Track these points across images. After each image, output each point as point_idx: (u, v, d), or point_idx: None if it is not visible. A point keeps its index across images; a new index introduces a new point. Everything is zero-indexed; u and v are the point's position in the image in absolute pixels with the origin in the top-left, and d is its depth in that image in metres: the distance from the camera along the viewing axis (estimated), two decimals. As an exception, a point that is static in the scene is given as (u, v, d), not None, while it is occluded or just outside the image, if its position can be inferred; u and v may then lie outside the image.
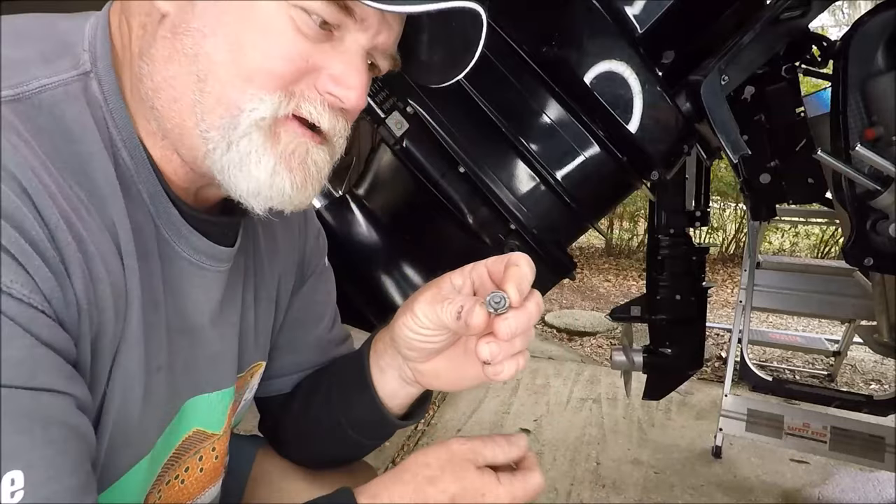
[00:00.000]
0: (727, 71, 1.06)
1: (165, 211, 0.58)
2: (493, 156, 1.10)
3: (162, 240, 0.58)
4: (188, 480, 0.70)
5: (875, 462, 2.25)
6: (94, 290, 0.49)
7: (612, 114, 1.04)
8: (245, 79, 0.52)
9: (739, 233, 6.72)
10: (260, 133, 0.53)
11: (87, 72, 0.54)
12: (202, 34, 0.51)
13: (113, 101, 0.54)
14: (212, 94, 0.52)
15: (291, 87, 0.54)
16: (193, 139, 0.54)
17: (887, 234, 1.16)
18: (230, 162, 0.54)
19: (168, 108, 0.54)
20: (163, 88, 0.53)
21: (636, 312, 1.76)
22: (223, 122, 0.53)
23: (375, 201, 1.23)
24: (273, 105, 0.53)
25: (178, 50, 0.52)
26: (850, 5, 5.21)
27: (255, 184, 0.55)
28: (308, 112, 0.55)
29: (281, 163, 0.55)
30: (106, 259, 0.50)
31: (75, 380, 0.48)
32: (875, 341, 2.37)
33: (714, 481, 2.40)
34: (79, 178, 0.50)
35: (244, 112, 0.52)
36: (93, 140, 0.52)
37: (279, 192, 0.56)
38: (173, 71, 0.52)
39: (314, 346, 0.87)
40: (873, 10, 1.17)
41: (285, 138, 0.55)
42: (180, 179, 0.59)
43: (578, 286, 6.05)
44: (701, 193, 1.77)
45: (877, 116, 1.15)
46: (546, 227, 1.13)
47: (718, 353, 3.98)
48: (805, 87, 1.52)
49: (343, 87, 0.55)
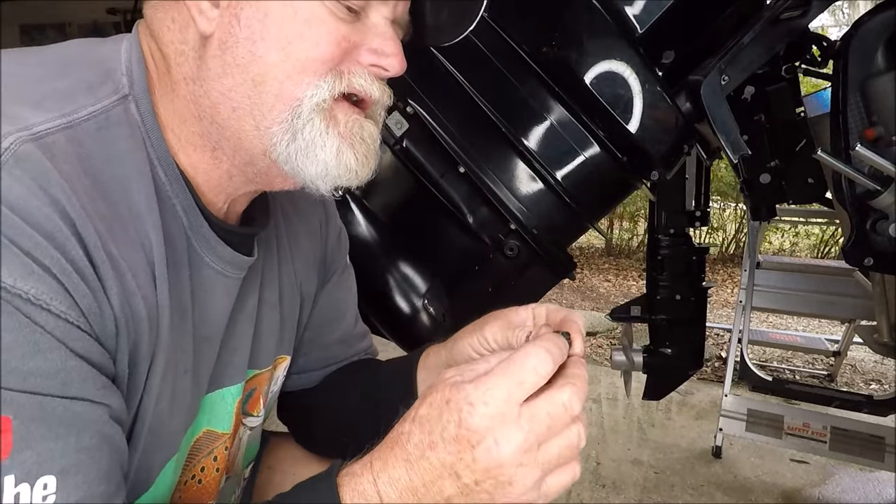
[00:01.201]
0: (727, 71, 1.06)
1: (197, 223, 0.61)
2: (493, 156, 1.10)
3: (192, 250, 0.61)
4: (206, 480, 0.72)
5: (875, 462, 2.26)
6: (129, 304, 0.52)
7: (612, 114, 1.04)
8: (300, 70, 0.56)
9: (739, 233, 6.72)
10: (321, 117, 0.57)
11: (126, 95, 0.57)
12: (251, 41, 0.55)
13: (149, 121, 0.58)
14: (269, 92, 0.56)
15: (339, 68, 0.58)
16: (253, 140, 0.58)
17: (887, 234, 1.16)
18: (297, 150, 0.58)
19: (228, 118, 0.57)
20: (221, 102, 0.57)
21: (636, 312, 1.77)
22: (284, 115, 0.57)
23: (375, 201, 1.23)
24: (329, 87, 0.57)
25: (229, 63, 0.56)
26: (850, 5, 5.21)
27: (323, 167, 0.59)
28: (360, 85, 0.59)
29: (344, 142, 0.59)
30: (138, 274, 0.53)
31: (110, 391, 0.50)
32: (875, 341, 2.37)
33: (714, 481, 2.40)
34: (118, 198, 0.53)
35: (304, 100, 0.56)
36: (132, 161, 0.55)
37: (346, 170, 0.60)
38: (229, 83, 0.56)
39: (339, 342, 0.91)
40: (873, 10, 1.17)
41: (342, 118, 0.59)
42: (214, 191, 0.63)
43: (578, 286, 6.05)
44: (701, 193, 1.77)
45: (877, 116, 1.15)
46: (546, 227, 1.13)
47: (718, 353, 3.98)
48: (805, 87, 1.53)
49: (384, 56, 0.60)
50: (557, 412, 0.49)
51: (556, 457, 0.49)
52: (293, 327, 0.83)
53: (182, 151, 0.60)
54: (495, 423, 0.47)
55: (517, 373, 0.48)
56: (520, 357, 0.49)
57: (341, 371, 0.92)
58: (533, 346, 0.50)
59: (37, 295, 0.44)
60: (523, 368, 0.49)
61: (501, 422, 0.47)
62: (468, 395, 0.48)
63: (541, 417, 0.48)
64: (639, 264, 6.74)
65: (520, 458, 0.47)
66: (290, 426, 0.96)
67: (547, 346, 0.50)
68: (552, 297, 5.44)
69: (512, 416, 0.47)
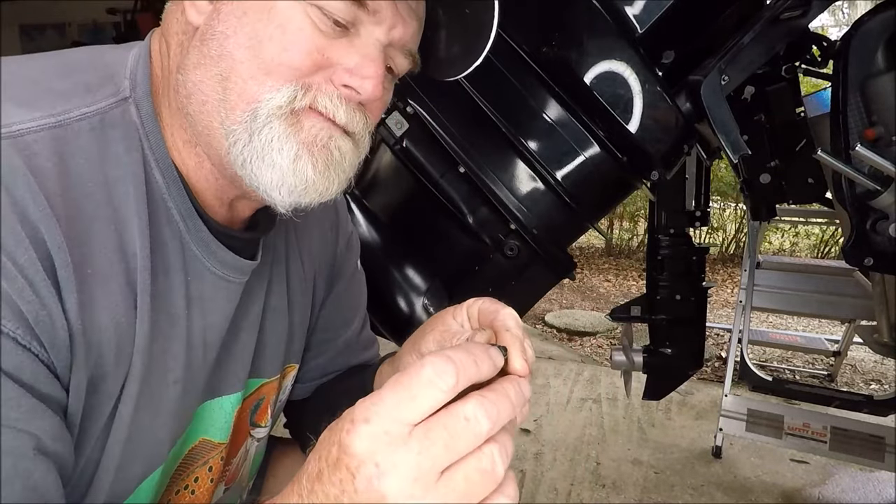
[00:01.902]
0: (727, 71, 1.06)
1: (196, 228, 0.60)
2: (493, 156, 1.10)
3: (190, 256, 0.60)
4: (199, 491, 0.71)
5: (875, 462, 2.26)
6: (91, 310, 0.50)
7: (612, 114, 1.04)
8: (265, 72, 0.53)
9: (739, 233, 6.72)
10: (280, 121, 0.54)
11: (126, 97, 0.56)
12: (225, 35, 0.54)
13: (149, 123, 0.57)
14: (234, 90, 0.54)
15: (308, 80, 0.55)
16: (219, 138, 0.56)
17: (887, 234, 1.16)
18: (252, 153, 0.55)
19: (198, 111, 0.56)
20: (193, 93, 0.56)
21: (636, 312, 1.77)
22: (245, 115, 0.54)
23: (375, 201, 1.23)
24: (289, 94, 0.54)
25: (205, 55, 0.55)
26: (850, 5, 5.21)
27: (279, 173, 0.55)
28: (324, 105, 0.55)
29: (303, 148, 0.56)
30: (110, 280, 0.52)
31: (39, 416, 0.46)
32: (875, 341, 2.37)
33: (714, 481, 2.40)
34: (101, 200, 0.52)
35: (262, 102, 0.54)
36: (124, 164, 0.54)
37: (302, 178, 0.56)
38: (201, 75, 0.55)
39: (342, 350, 0.89)
40: (873, 10, 1.17)
41: (307, 124, 0.56)
42: (212, 194, 0.62)
43: (578, 286, 6.05)
44: (701, 193, 1.77)
45: (877, 116, 1.15)
46: (546, 227, 1.13)
47: (718, 353, 3.98)
48: (805, 87, 1.53)
49: (358, 77, 0.55)
50: (457, 428, 0.39)
51: (465, 488, 0.39)
52: (303, 335, 0.81)
53: (176, 150, 0.59)
54: (377, 445, 0.38)
55: (409, 386, 0.39)
56: (415, 368, 0.40)
57: (334, 382, 0.89)
58: (433, 356, 0.40)
59: None
60: (417, 381, 0.39)
61: (385, 442, 0.38)
62: (351, 412, 0.40)
63: (436, 436, 0.38)
64: (639, 264, 6.74)
65: (409, 489, 0.38)
66: (293, 434, 0.94)
67: (457, 355, 0.41)
68: (552, 297, 5.44)
69: (398, 435, 0.38)
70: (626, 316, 1.78)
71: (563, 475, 2.42)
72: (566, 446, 2.64)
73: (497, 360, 0.44)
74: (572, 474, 2.43)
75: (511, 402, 0.42)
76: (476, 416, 0.39)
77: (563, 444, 2.66)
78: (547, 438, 2.71)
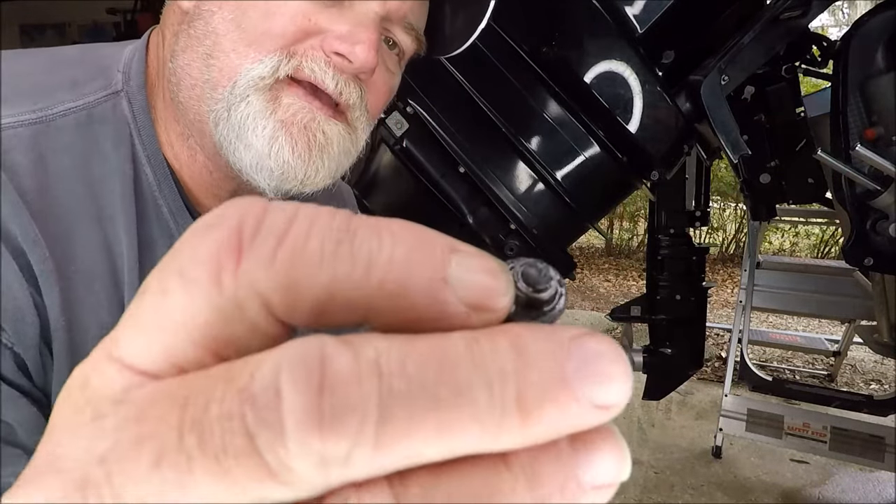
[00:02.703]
0: (727, 71, 1.06)
1: (186, 226, 0.58)
2: (493, 156, 1.10)
3: None
4: None
5: (875, 462, 2.26)
6: (76, 308, 0.49)
7: (612, 114, 1.04)
8: (246, 42, 0.50)
9: (739, 233, 6.72)
10: (258, 96, 0.51)
11: (118, 91, 0.54)
12: (210, 12, 0.52)
13: (141, 118, 0.55)
14: (216, 66, 0.51)
15: (293, 48, 0.51)
16: (207, 123, 0.53)
17: (887, 234, 1.16)
18: (231, 131, 0.51)
19: (188, 97, 0.53)
20: (182, 79, 0.53)
21: (636, 312, 1.77)
22: (225, 91, 0.51)
23: (375, 202, 1.23)
24: (272, 64, 0.50)
25: (191, 36, 0.53)
26: (850, 5, 5.21)
27: (256, 154, 0.51)
28: (310, 70, 0.51)
29: (281, 128, 0.51)
30: (95, 279, 0.50)
31: (12, 406, 0.46)
32: (875, 341, 2.37)
33: (714, 481, 2.40)
34: (86, 196, 0.50)
35: (241, 73, 0.50)
36: (112, 159, 0.52)
37: (279, 162, 0.51)
38: (188, 58, 0.53)
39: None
40: (873, 11, 1.17)
41: (286, 101, 0.51)
42: (206, 191, 0.59)
43: (578, 286, 6.05)
44: (701, 193, 1.78)
45: (877, 116, 1.15)
46: (546, 227, 1.13)
47: (718, 353, 3.98)
48: (805, 87, 1.53)
49: (348, 42, 0.51)
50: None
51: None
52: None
53: (169, 144, 0.57)
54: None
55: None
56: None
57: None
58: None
59: None
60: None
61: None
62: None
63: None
64: (639, 264, 6.74)
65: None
66: None
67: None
68: (552, 297, 5.44)
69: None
70: (626, 316, 1.78)
71: (563, 475, 2.42)
72: (566, 446, 2.65)
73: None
74: (572, 474, 2.43)
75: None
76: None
77: (563, 444, 2.66)
78: (547, 438, 2.71)
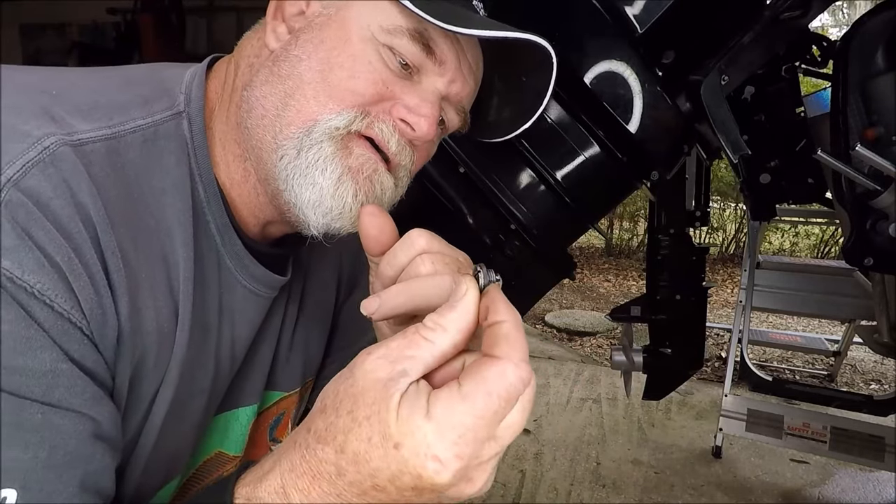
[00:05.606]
0: (727, 71, 1.06)
1: (231, 242, 0.62)
2: (493, 156, 1.10)
3: (224, 269, 0.62)
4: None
5: (875, 462, 2.26)
6: (139, 317, 0.52)
7: (612, 114, 1.04)
8: (328, 95, 0.57)
9: (739, 233, 6.72)
10: (331, 144, 0.57)
11: (181, 111, 0.59)
12: (298, 59, 0.58)
13: (198, 138, 0.59)
14: (294, 107, 0.57)
15: (368, 108, 0.58)
16: (269, 152, 0.58)
17: (887, 234, 1.16)
18: (296, 169, 0.57)
19: (256, 124, 0.59)
20: (255, 107, 0.59)
21: (636, 312, 1.76)
22: (298, 132, 0.57)
23: (375, 201, 1.23)
24: (348, 118, 0.57)
25: (275, 73, 0.59)
26: (850, 5, 5.21)
27: (318, 192, 0.57)
28: (379, 130, 0.58)
29: (348, 173, 0.58)
30: (156, 288, 0.53)
31: (100, 403, 0.48)
32: (875, 341, 2.37)
33: (714, 481, 2.40)
34: (150, 210, 0.54)
35: (319, 122, 0.57)
36: (173, 175, 0.57)
37: (340, 203, 0.58)
38: (267, 91, 0.58)
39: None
40: (873, 10, 1.17)
41: (357, 151, 0.58)
42: (249, 211, 0.64)
43: (578, 286, 6.06)
44: (701, 193, 1.77)
45: (877, 116, 1.15)
46: (546, 227, 1.13)
47: (718, 353, 3.99)
48: (805, 87, 1.53)
49: (415, 114, 0.59)
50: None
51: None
52: (321, 346, 0.82)
53: (224, 163, 0.61)
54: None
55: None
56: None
57: None
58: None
59: (41, 290, 0.44)
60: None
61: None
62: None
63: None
64: (639, 264, 6.74)
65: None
66: None
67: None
68: (552, 297, 5.44)
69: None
70: (626, 316, 1.78)
71: (563, 475, 2.42)
72: (566, 446, 2.64)
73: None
74: (572, 474, 2.43)
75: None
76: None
77: (563, 444, 2.66)
78: (547, 438, 2.71)
